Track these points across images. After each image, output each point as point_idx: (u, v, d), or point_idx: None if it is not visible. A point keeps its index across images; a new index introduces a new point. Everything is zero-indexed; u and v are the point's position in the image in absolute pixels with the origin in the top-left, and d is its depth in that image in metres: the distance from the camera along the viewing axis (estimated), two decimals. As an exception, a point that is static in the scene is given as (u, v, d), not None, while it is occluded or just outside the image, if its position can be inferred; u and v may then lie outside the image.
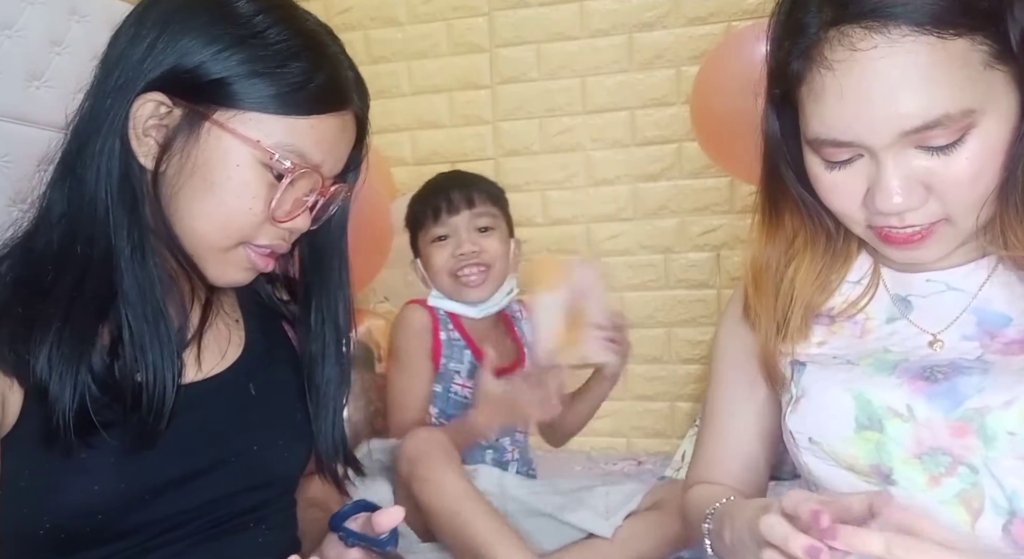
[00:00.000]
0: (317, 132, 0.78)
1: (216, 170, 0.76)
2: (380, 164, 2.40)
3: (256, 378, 0.88)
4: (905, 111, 0.68)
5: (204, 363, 0.84)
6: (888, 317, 0.82)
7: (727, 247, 2.30)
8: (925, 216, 0.72)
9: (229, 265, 0.81)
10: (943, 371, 0.75)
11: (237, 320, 0.92)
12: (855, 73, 0.69)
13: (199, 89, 0.75)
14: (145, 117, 0.75)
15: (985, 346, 0.76)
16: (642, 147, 2.35)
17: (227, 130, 0.75)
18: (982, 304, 0.78)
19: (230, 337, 0.89)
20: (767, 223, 0.87)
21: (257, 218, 0.78)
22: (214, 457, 0.81)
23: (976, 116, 0.68)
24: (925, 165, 0.70)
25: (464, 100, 2.46)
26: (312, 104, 0.77)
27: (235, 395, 0.85)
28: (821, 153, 0.75)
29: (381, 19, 2.47)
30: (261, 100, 0.75)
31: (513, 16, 2.39)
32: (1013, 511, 0.70)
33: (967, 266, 0.79)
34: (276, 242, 0.81)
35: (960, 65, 0.67)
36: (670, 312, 2.37)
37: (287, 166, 0.76)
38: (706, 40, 2.24)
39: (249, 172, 0.76)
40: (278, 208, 0.78)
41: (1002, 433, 0.70)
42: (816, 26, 0.71)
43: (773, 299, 0.85)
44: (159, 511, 0.77)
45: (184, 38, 0.75)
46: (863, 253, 0.86)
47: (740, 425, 0.93)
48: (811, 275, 0.85)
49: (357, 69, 0.85)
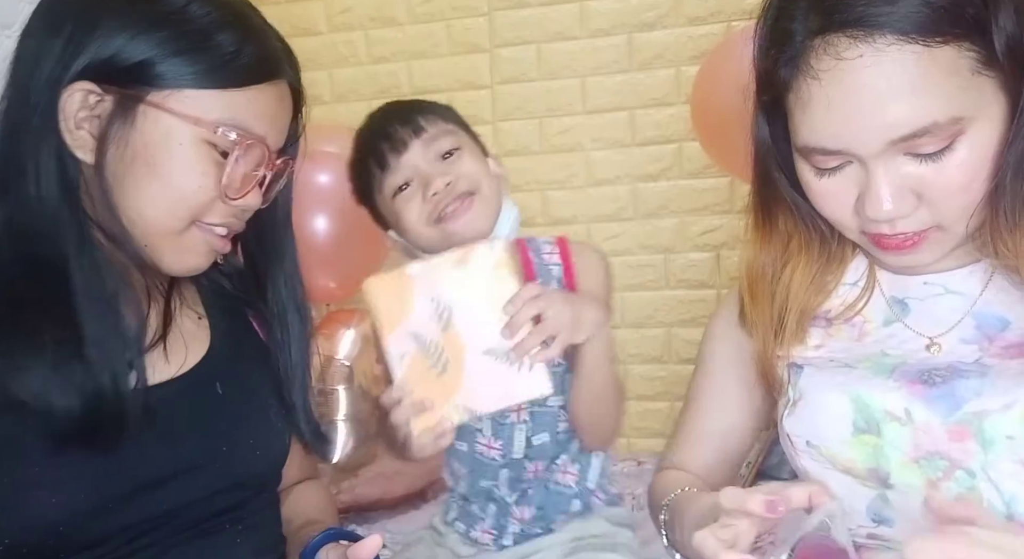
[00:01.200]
0: (257, 104, 0.78)
1: (158, 152, 0.75)
2: (380, 164, 2.39)
3: (223, 376, 0.86)
4: (893, 120, 0.67)
5: (173, 360, 0.82)
6: (885, 320, 0.82)
7: (727, 247, 2.30)
8: (916, 223, 0.72)
9: (185, 251, 0.79)
10: (941, 374, 0.75)
11: (200, 316, 0.90)
12: (842, 83, 0.68)
13: (127, 73, 0.74)
14: (75, 109, 0.74)
15: (983, 349, 0.76)
16: (642, 147, 2.34)
17: (164, 110, 0.74)
18: (982, 307, 0.77)
19: (194, 334, 0.87)
20: (760, 228, 0.87)
21: (207, 196, 0.77)
22: (181, 461, 0.79)
23: (965, 123, 0.68)
24: (915, 172, 0.70)
25: (464, 100, 2.45)
26: (247, 75, 0.76)
27: (201, 395, 0.84)
28: (811, 160, 0.74)
29: (381, 19, 2.47)
30: (194, 76, 0.74)
31: (513, 16, 2.39)
32: (1011, 515, 0.70)
33: (965, 269, 0.79)
34: (228, 220, 0.80)
35: (947, 73, 0.67)
36: (670, 312, 2.37)
37: (233, 139, 0.76)
38: (706, 40, 2.24)
39: (193, 150, 0.75)
40: (229, 185, 0.77)
41: (1000, 437, 0.70)
42: (802, 34, 0.71)
43: (769, 305, 0.85)
44: (125, 519, 0.75)
45: (103, 23, 0.74)
46: (859, 255, 0.86)
47: (721, 419, 0.94)
48: (806, 278, 0.84)
49: (284, 40, 0.84)
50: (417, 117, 1.13)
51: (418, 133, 1.12)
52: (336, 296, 2.08)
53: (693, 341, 2.37)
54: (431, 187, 1.09)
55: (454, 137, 1.14)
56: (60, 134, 0.74)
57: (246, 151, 0.78)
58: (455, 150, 1.13)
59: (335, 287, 2.00)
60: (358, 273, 2.04)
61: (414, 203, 1.11)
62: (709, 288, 2.33)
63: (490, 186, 1.13)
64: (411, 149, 1.11)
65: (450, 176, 1.09)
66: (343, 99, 2.52)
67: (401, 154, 1.11)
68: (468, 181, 1.11)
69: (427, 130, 1.12)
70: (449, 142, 1.13)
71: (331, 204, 1.90)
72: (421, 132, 1.12)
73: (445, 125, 1.14)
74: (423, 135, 1.11)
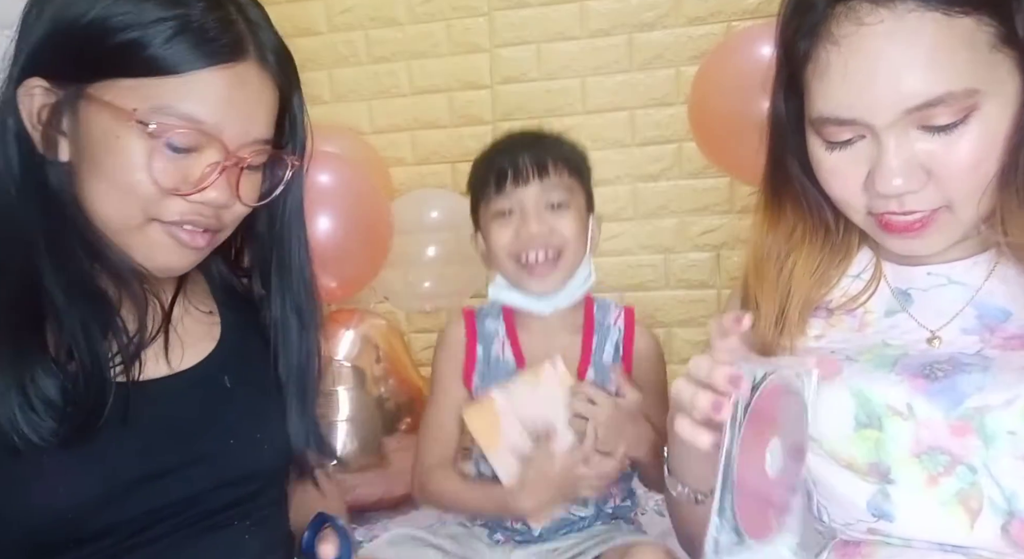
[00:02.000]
0: (201, 90, 0.72)
1: (100, 147, 0.72)
2: (380, 164, 2.40)
3: (231, 371, 0.85)
4: (908, 88, 0.68)
5: (174, 358, 0.81)
6: (887, 310, 0.82)
7: (727, 247, 2.30)
8: (925, 201, 0.72)
9: (151, 248, 0.76)
10: (943, 368, 0.74)
11: (211, 312, 0.89)
12: (861, 48, 0.69)
13: (67, 66, 0.71)
14: (35, 106, 0.72)
15: (985, 341, 0.76)
16: (642, 147, 2.35)
17: (102, 103, 0.71)
18: (983, 298, 0.77)
19: (203, 330, 0.86)
20: (769, 212, 0.86)
21: (150, 191, 0.73)
22: (187, 453, 0.79)
23: (979, 98, 0.68)
24: (927, 148, 0.70)
25: (464, 100, 2.46)
26: (185, 59, 0.71)
27: (209, 390, 0.83)
28: (823, 133, 0.74)
29: (381, 19, 2.47)
30: (125, 66, 0.70)
31: (513, 16, 2.39)
32: (1012, 511, 0.70)
33: (969, 260, 0.79)
34: (193, 217, 0.76)
35: (965, 44, 0.67)
36: (670, 312, 2.37)
37: (173, 130, 0.71)
38: (706, 40, 2.24)
39: (131, 144, 0.71)
40: (165, 178, 0.73)
41: (1002, 432, 0.70)
42: (824, 2, 0.72)
43: (773, 288, 0.85)
44: (132, 509, 0.75)
45: (44, 16, 0.72)
46: (864, 248, 0.86)
47: None
48: (809, 268, 0.84)
49: (258, 18, 0.79)
50: (547, 159, 1.24)
51: (541, 175, 1.23)
52: (336, 296, 2.08)
53: (693, 341, 2.38)
54: (527, 228, 1.22)
55: (569, 194, 1.25)
56: (26, 131, 0.73)
57: (202, 145, 0.73)
58: (564, 205, 1.24)
59: (335, 287, 2.00)
60: (358, 273, 2.06)
61: (507, 232, 1.24)
62: (709, 288, 2.34)
63: (577, 250, 1.25)
64: (528, 187, 1.23)
65: (546, 227, 1.22)
66: (343, 99, 2.52)
67: (517, 186, 1.23)
68: (560, 239, 1.23)
69: (550, 176, 1.23)
70: (562, 196, 1.24)
71: (331, 204, 1.91)
72: (544, 176, 1.23)
73: (567, 179, 1.25)
74: (545, 179, 1.23)
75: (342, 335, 2.06)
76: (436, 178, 2.48)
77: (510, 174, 1.22)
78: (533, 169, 1.23)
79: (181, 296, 0.86)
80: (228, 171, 0.76)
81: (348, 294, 2.11)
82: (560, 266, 1.24)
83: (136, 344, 0.77)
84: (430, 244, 2.15)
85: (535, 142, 1.29)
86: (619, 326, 1.30)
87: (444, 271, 2.18)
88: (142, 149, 0.72)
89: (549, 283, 1.24)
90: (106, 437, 0.74)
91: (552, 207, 1.23)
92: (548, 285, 1.24)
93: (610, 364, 1.27)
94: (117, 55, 0.70)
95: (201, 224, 0.77)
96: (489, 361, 1.29)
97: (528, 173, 1.22)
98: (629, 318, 1.31)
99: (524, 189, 1.22)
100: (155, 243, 0.76)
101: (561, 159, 1.25)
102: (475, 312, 1.34)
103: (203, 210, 0.76)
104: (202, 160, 0.74)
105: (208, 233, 0.79)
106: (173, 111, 0.71)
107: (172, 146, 0.72)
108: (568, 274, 1.25)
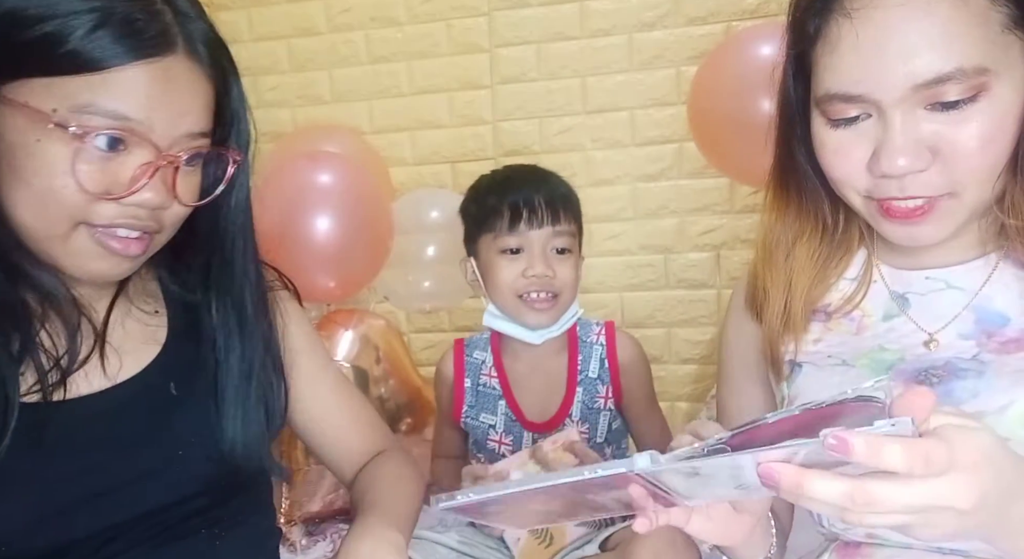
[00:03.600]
0: (125, 86, 0.67)
1: (18, 152, 0.67)
2: (380, 164, 2.40)
3: (177, 376, 0.80)
4: (919, 63, 0.67)
5: (113, 368, 0.77)
6: (885, 314, 0.82)
7: (727, 247, 2.30)
8: (928, 186, 0.71)
9: (80, 256, 0.71)
10: (938, 374, 0.74)
11: (156, 311, 0.84)
12: (873, 21, 0.69)
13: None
14: None
15: (981, 345, 0.75)
16: (642, 147, 2.34)
17: (17, 105, 0.66)
18: (982, 302, 0.77)
19: (147, 333, 0.81)
20: (777, 199, 0.86)
21: (77, 197, 0.68)
22: (134, 468, 0.75)
23: (989, 78, 0.67)
24: (933, 128, 0.69)
25: (464, 100, 2.46)
26: (108, 54, 0.66)
27: (153, 399, 0.78)
28: (829, 112, 0.73)
29: (381, 19, 2.47)
30: (42, 63, 0.66)
31: (513, 16, 2.39)
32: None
33: (968, 264, 0.79)
34: (126, 220, 0.71)
35: (978, 22, 0.67)
36: (670, 312, 2.37)
37: (96, 130, 0.67)
38: (706, 40, 2.24)
39: (52, 147, 0.67)
40: (92, 183, 0.68)
41: (997, 438, 0.70)
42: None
43: (781, 273, 0.85)
44: (86, 528, 0.72)
45: None
46: (861, 249, 0.86)
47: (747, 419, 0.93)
48: (809, 262, 0.84)
49: (186, 8, 0.73)
50: (559, 206, 1.31)
51: (553, 221, 1.30)
52: (336, 296, 2.08)
53: (693, 341, 2.38)
54: (533, 269, 1.28)
55: (573, 240, 1.34)
56: None
57: (130, 144, 0.69)
58: (568, 251, 1.32)
59: (335, 287, 2.00)
60: (358, 273, 2.06)
61: (513, 270, 1.30)
62: (709, 288, 2.33)
63: (571, 293, 1.33)
64: (542, 231, 1.29)
65: (550, 272, 1.29)
66: (343, 99, 2.52)
67: (531, 228, 1.29)
68: (560, 283, 1.30)
69: (560, 223, 1.31)
70: (568, 242, 1.32)
71: (331, 204, 1.91)
72: (556, 221, 1.30)
73: (571, 225, 1.33)
74: (557, 226, 1.30)
75: (341, 335, 2.06)
76: (436, 178, 2.48)
77: (525, 214, 1.28)
78: (548, 214, 1.29)
79: (122, 297, 0.81)
80: (162, 170, 0.71)
81: (348, 294, 2.11)
82: (557, 305, 1.31)
83: (63, 369, 0.72)
84: (430, 244, 2.15)
85: (543, 182, 1.35)
86: (601, 341, 1.36)
87: (444, 271, 2.18)
88: (64, 153, 0.67)
89: (545, 318, 1.31)
90: (32, 460, 0.70)
91: (557, 251, 1.31)
92: (544, 320, 1.31)
93: (596, 378, 1.35)
94: (32, 51, 0.65)
95: (137, 227, 0.72)
96: (477, 390, 1.37)
97: (542, 216, 1.28)
98: (610, 331, 1.37)
99: (537, 231, 1.29)
100: (83, 251, 0.71)
101: (570, 207, 1.33)
102: (465, 344, 1.43)
103: (138, 213, 0.71)
104: (132, 160, 0.70)
105: (144, 239, 0.74)
106: (96, 109, 0.67)
107: (98, 147, 0.68)
108: (562, 312, 1.33)
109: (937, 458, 0.50)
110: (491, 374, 1.37)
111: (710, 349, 2.32)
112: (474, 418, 1.35)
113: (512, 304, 1.31)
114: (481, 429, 1.35)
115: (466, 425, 1.37)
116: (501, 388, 1.35)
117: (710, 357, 2.31)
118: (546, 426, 1.33)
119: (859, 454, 0.48)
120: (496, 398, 1.35)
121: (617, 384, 1.34)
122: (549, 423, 1.33)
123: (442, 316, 2.53)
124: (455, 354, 1.41)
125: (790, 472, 0.51)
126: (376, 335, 2.12)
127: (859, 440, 0.48)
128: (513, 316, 1.32)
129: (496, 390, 1.35)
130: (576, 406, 1.33)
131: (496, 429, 1.34)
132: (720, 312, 2.25)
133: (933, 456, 0.50)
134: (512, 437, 1.33)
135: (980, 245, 0.78)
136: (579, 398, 1.33)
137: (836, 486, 0.50)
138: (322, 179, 1.92)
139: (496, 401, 1.35)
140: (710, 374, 2.29)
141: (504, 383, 1.36)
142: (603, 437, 1.35)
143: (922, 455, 0.50)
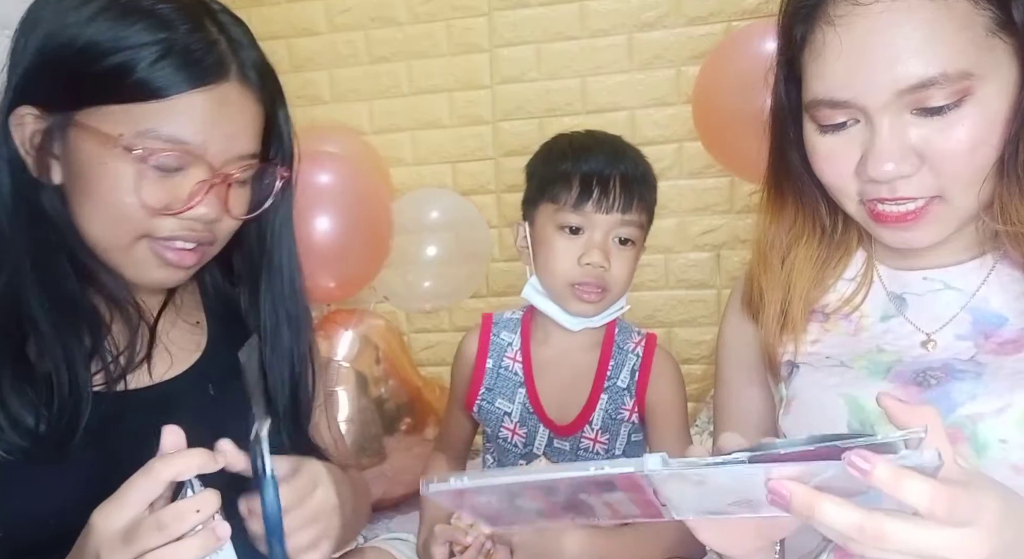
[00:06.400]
0: (184, 112, 0.74)
1: (90, 171, 0.74)
2: (380, 164, 2.40)
3: (215, 380, 0.86)
4: (903, 69, 0.67)
5: (159, 369, 0.83)
6: (883, 315, 0.82)
7: (727, 247, 2.30)
8: (917, 188, 0.71)
9: (139, 265, 0.79)
10: (936, 376, 0.74)
11: (198, 322, 0.90)
12: (856, 28, 0.69)
13: (55, 93, 0.74)
14: (27, 133, 0.75)
15: (979, 346, 0.75)
16: (642, 147, 2.32)
17: (89, 130, 0.73)
18: (979, 303, 0.77)
19: (190, 341, 0.88)
20: (772, 203, 0.86)
21: (140, 213, 0.75)
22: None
23: (974, 82, 0.67)
24: (920, 132, 0.69)
25: (464, 100, 2.46)
26: (170, 82, 0.73)
27: (191, 398, 0.83)
28: (817, 117, 0.74)
29: (381, 19, 2.47)
30: (112, 92, 0.72)
31: (513, 16, 2.39)
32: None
33: (965, 265, 0.79)
34: (184, 233, 0.78)
35: (962, 26, 0.67)
36: (670, 312, 2.37)
37: (158, 153, 0.73)
38: (706, 40, 2.24)
39: (119, 168, 0.74)
40: (153, 199, 0.75)
41: (994, 441, 0.70)
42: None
43: (777, 278, 0.85)
44: None
45: (29, 46, 0.74)
46: (860, 250, 0.86)
47: (748, 425, 0.93)
48: (808, 264, 0.84)
49: (240, 36, 0.80)
50: (635, 191, 1.18)
51: (625, 210, 1.17)
52: (336, 296, 2.08)
53: (693, 341, 2.38)
54: (589, 257, 1.17)
55: (639, 233, 1.21)
56: (17, 156, 0.76)
57: (188, 164, 0.76)
58: (630, 244, 1.20)
59: (335, 287, 2.00)
60: (358, 273, 2.06)
61: (570, 252, 1.18)
62: (709, 288, 2.34)
63: (622, 288, 1.22)
64: (609, 217, 1.17)
65: (606, 264, 1.17)
66: (343, 99, 2.52)
67: (598, 211, 1.16)
68: (613, 279, 1.19)
69: (632, 212, 1.18)
70: (633, 234, 1.20)
71: (331, 204, 1.91)
72: (628, 210, 1.17)
73: (643, 216, 1.20)
74: (627, 214, 1.17)
75: (341, 335, 2.06)
76: (436, 178, 2.48)
77: (596, 193, 1.16)
78: (620, 198, 1.16)
79: (170, 307, 0.88)
80: (216, 188, 0.78)
81: (348, 294, 2.12)
82: (605, 298, 1.21)
83: (123, 365, 0.78)
84: (430, 244, 2.15)
85: (622, 157, 1.22)
86: (638, 352, 1.27)
87: (444, 271, 2.18)
88: (129, 173, 0.74)
89: (590, 310, 1.21)
90: (87, 446, 0.74)
91: (620, 241, 1.20)
92: (588, 311, 1.21)
93: (624, 388, 1.25)
94: (103, 81, 0.72)
95: (193, 238, 0.79)
96: (498, 372, 1.29)
97: (613, 200, 1.16)
98: (650, 345, 1.28)
99: (604, 217, 1.17)
100: (144, 261, 0.79)
101: (646, 191, 1.21)
102: (492, 322, 1.33)
103: (194, 225, 0.78)
104: (189, 179, 0.76)
105: (198, 251, 0.80)
106: (158, 134, 0.73)
107: (159, 168, 0.74)
108: (608, 306, 1.23)
109: (963, 509, 0.49)
110: (516, 358, 1.29)
111: (710, 349, 2.32)
112: (490, 402, 1.28)
113: (560, 288, 1.20)
114: (496, 415, 1.28)
115: (480, 409, 1.29)
116: (523, 375, 1.27)
117: (710, 357, 2.31)
118: (565, 430, 1.26)
119: (879, 479, 0.47)
120: (516, 385, 1.27)
121: (641, 401, 1.25)
122: (569, 428, 1.26)
123: (442, 316, 2.53)
124: (481, 330, 1.32)
125: (802, 492, 0.50)
126: (376, 335, 2.12)
127: (883, 465, 0.47)
128: (556, 299, 1.22)
129: (518, 376, 1.27)
130: (598, 414, 1.25)
131: (512, 417, 1.27)
132: (720, 312, 2.25)
133: (960, 506, 0.49)
134: (527, 430, 1.26)
135: (978, 246, 0.78)
136: (602, 406, 1.25)
137: (848, 515, 0.49)
138: (322, 179, 1.92)
139: (516, 388, 1.27)
140: (710, 374, 2.29)
141: (528, 370, 1.28)
142: (622, 449, 1.28)
143: (948, 500, 0.48)
